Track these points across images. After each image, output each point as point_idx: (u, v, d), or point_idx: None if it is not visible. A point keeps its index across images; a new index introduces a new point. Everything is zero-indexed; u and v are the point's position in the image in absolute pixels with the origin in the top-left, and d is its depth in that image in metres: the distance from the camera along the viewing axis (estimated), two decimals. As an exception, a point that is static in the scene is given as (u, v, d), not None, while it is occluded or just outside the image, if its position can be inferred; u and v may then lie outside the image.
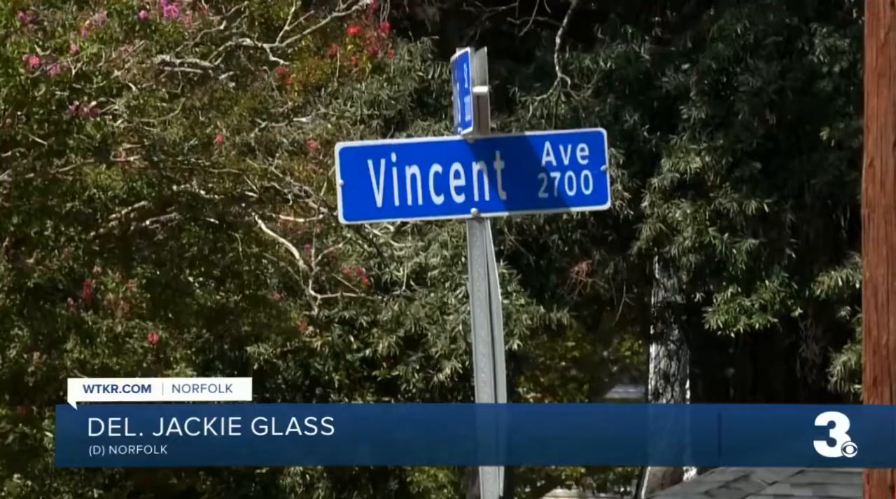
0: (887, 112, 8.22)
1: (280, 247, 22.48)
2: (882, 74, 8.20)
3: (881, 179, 8.18)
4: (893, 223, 8.20)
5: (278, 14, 22.24)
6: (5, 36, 19.31)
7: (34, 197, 20.39)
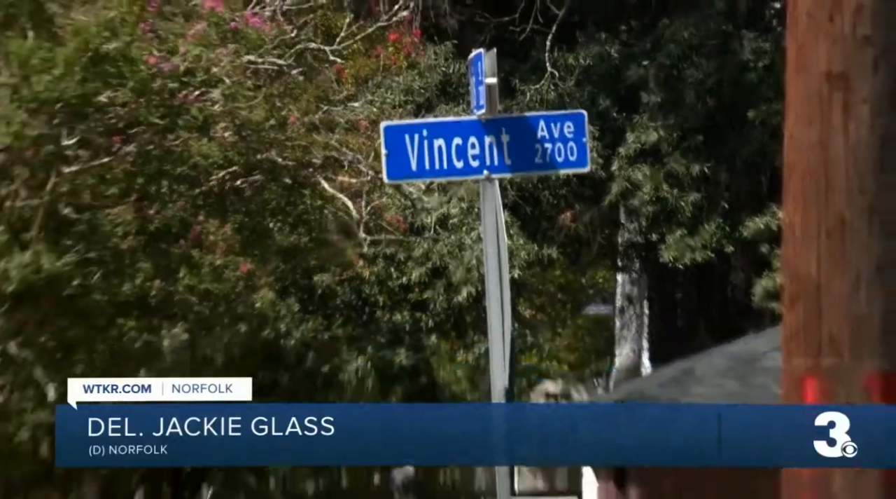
0: (803, 98, 8.24)
1: (338, 201, 22.54)
2: (799, 70, 8.20)
3: (798, 148, 8.22)
4: (807, 181, 8.21)
5: (336, 24, 22.40)
6: (130, 42, 19.31)
7: (153, 163, 20.40)
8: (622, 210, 36.78)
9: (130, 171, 20.42)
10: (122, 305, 21.90)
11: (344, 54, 22.68)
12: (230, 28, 20.68)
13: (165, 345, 23.86)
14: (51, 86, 18.95)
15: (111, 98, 19.51)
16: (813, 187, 8.31)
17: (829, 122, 8.21)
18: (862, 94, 8.18)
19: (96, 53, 19.07)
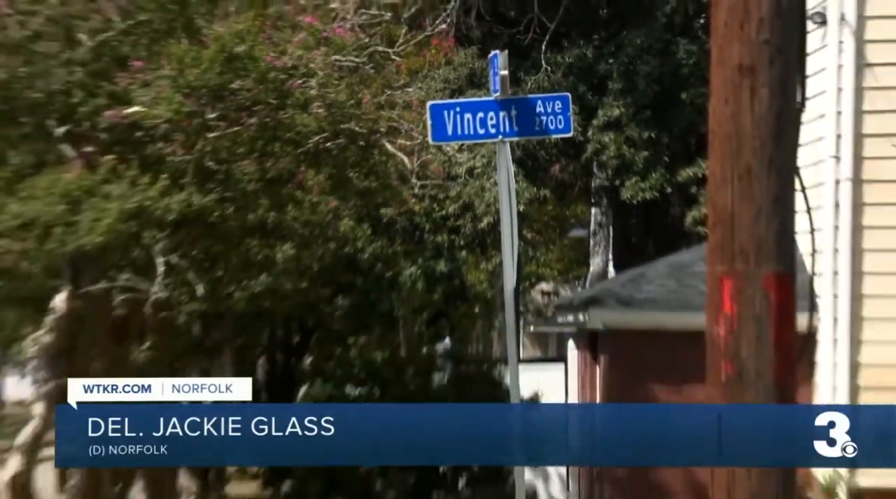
0: (721, 84, 8.36)
1: (397, 157, 22.66)
2: (718, 64, 8.32)
3: (718, 120, 8.33)
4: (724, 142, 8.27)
5: (396, 33, 22.50)
6: (253, 45, 19.43)
7: (269, 131, 20.49)
8: (595, 164, 36.82)
9: (254, 136, 20.56)
10: (248, 229, 22.19)
11: (401, 54, 22.96)
12: (322, 36, 20.83)
13: (278, 257, 24.01)
14: (198, 77, 19.21)
15: (240, 85, 19.69)
16: (728, 147, 8.46)
17: (740, 102, 8.38)
18: (763, 81, 8.38)
19: (230, 54, 19.30)
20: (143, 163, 19.63)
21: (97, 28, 19.60)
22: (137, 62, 19.48)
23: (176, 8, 19.78)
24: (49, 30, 19.43)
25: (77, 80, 19.37)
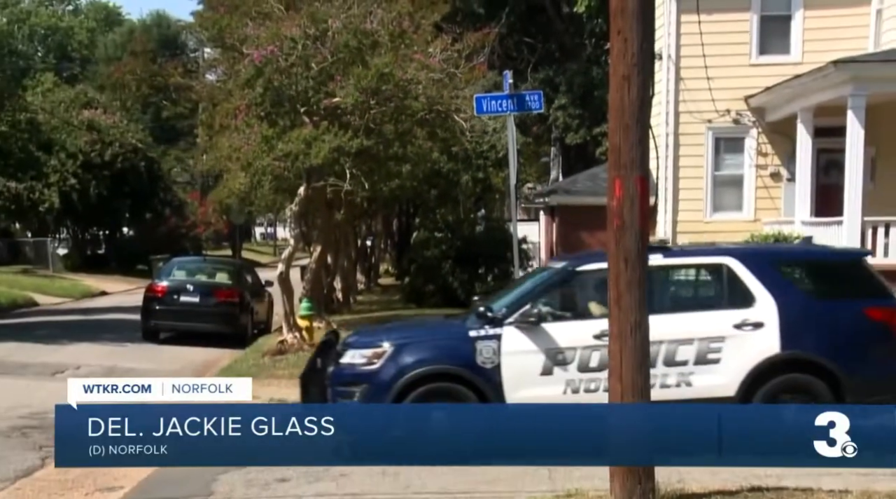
0: (614, 86, 8.29)
1: (458, 122, 22.00)
2: (613, 75, 8.25)
3: (613, 101, 8.31)
4: (614, 114, 8.26)
5: (459, 62, 21.79)
6: (392, 68, 18.99)
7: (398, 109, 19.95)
8: (553, 126, 36.33)
9: (391, 112, 19.84)
10: (389, 157, 21.40)
11: (461, 72, 21.98)
12: (425, 63, 20.41)
13: (403, 170, 23.18)
14: (367, 83, 18.88)
15: (386, 88, 19.30)
16: (617, 114, 8.10)
17: (623, 92, 8.04)
18: (634, 82, 8.02)
19: (381, 73, 18.96)
20: (340, 124, 19.53)
21: (320, 60, 19.44)
22: (338, 77, 19.44)
23: (356, 51, 19.54)
24: (298, 57, 19.24)
25: (310, 86, 19.31)
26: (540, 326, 9.96)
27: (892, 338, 9.83)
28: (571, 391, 9.76)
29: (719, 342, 9.71)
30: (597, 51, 34.36)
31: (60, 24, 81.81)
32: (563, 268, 10.76)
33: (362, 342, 10.42)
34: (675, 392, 9.64)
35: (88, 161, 45.30)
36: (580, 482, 8.29)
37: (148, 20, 75.84)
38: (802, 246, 11.99)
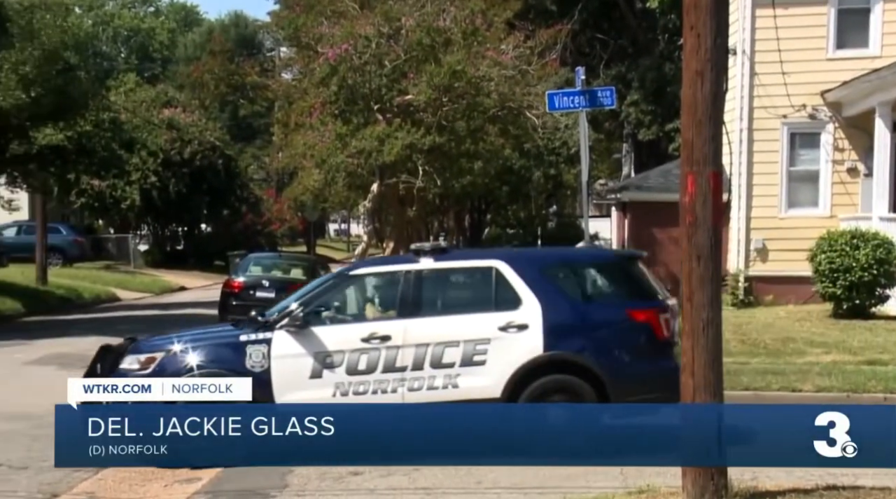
0: (688, 81, 8.20)
1: (530, 119, 22.05)
2: (686, 70, 8.13)
3: (686, 97, 8.22)
4: (689, 108, 8.19)
5: (530, 61, 21.79)
6: (464, 66, 18.97)
7: (470, 106, 20.11)
8: (625, 122, 35.97)
9: (463, 109, 20.09)
10: (461, 153, 21.67)
11: (534, 69, 22.00)
12: (497, 60, 20.38)
13: (475, 167, 23.48)
14: (440, 81, 18.92)
15: (458, 85, 19.38)
16: (690, 109, 8.08)
17: (696, 88, 7.95)
18: (707, 78, 7.93)
19: (454, 70, 19.01)
20: (412, 122, 19.62)
21: (394, 58, 19.52)
22: (411, 74, 19.51)
23: (428, 49, 19.58)
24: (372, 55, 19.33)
25: (384, 83, 19.40)
26: (309, 330, 9.89)
27: (655, 338, 9.83)
28: (340, 394, 9.74)
29: (485, 344, 9.71)
30: (670, 46, 33.91)
31: (142, 25, 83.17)
32: (338, 272, 10.84)
33: (141, 347, 10.31)
34: (441, 394, 9.66)
35: (168, 159, 45.91)
36: (652, 479, 8.17)
37: (226, 20, 76.72)
38: (572, 249, 12.02)
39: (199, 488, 8.86)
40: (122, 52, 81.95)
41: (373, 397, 9.63)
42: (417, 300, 9.96)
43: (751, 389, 12.71)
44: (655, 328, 9.81)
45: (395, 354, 9.73)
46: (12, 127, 25.42)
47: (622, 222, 29.98)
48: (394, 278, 10.21)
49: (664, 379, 9.53)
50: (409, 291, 10.00)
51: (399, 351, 9.72)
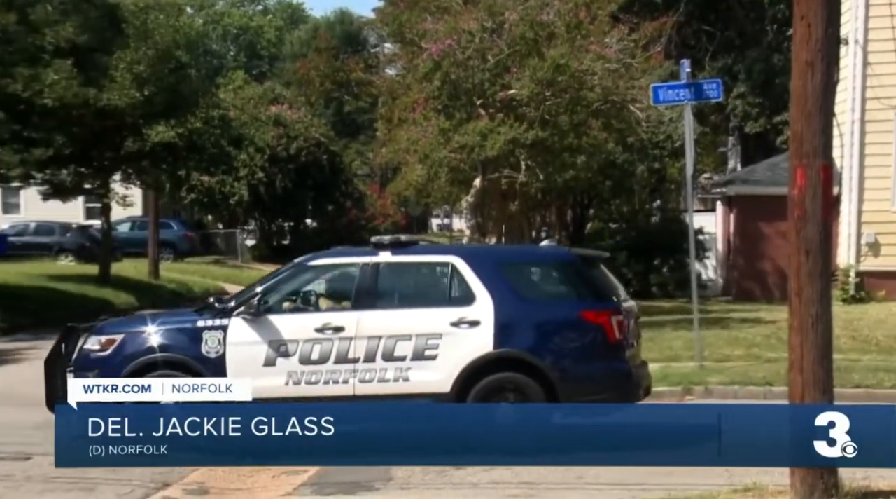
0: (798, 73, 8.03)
1: (634, 113, 21.71)
2: (796, 61, 7.96)
3: (796, 89, 8.04)
4: (799, 100, 8.01)
5: (634, 54, 21.48)
6: (568, 59, 18.85)
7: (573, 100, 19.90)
8: (731, 114, 35.36)
9: (566, 103, 19.99)
10: (563, 148, 21.40)
11: (638, 62, 21.62)
12: (601, 53, 20.16)
13: (578, 161, 22.99)
14: (543, 76, 18.84)
15: (561, 79, 19.25)
16: (800, 101, 7.96)
17: (806, 79, 7.80)
18: (817, 69, 7.77)
19: (557, 64, 18.90)
20: (515, 116, 19.57)
21: (497, 53, 19.49)
22: (514, 69, 19.46)
23: (532, 43, 19.50)
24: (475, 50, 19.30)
25: (486, 78, 19.37)
26: (266, 318, 9.93)
27: (606, 339, 9.74)
28: (293, 383, 9.76)
29: (437, 339, 9.67)
30: (778, 37, 33.22)
31: (251, 23, 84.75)
32: (298, 262, 10.80)
33: (103, 329, 10.43)
34: (392, 387, 9.65)
35: (275, 155, 46.62)
36: (759, 477, 8.00)
37: (331, 17, 77.67)
38: (529, 247, 11.76)
39: (306, 480, 8.92)
40: (231, 50, 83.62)
41: (324, 388, 9.69)
42: (373, 293, 9.99)
43: (862, 386, 12.52)
44: (607, 330, 9.75)
45: (347, 346, 9.74)
46: (127, 125, 26.08)
47: (727, 217, 29.53)
48: (351, 270, 10.30)
49: (614, 380, 9.66)
50: (364, 283, 10.03)
51: (352, 343, 9.73)
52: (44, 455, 9.33)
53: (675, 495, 7.90)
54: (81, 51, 22.94)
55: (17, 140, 23.62)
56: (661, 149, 30.65)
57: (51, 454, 9.03)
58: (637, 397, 10.07)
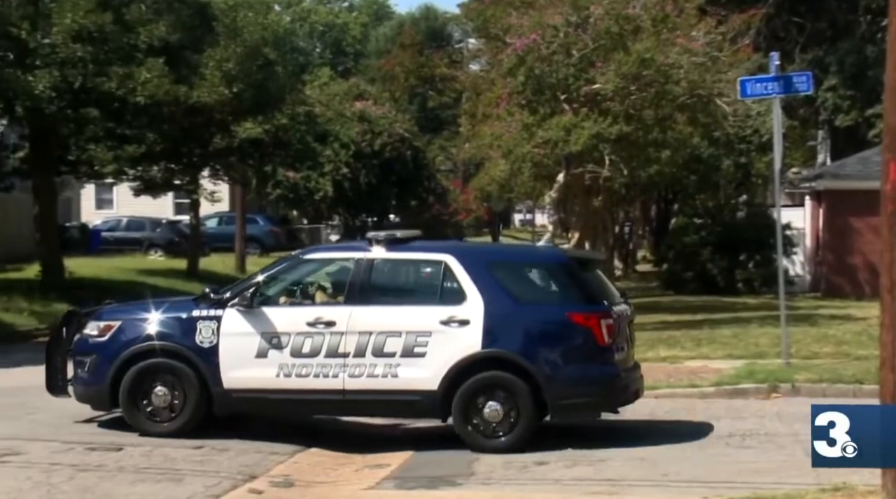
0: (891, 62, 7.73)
1: (720, 107, 21.17)
2: (891, 52, 7.66)
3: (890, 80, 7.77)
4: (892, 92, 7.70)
5: (721, 47, 21.07)
6: (653, 53, 18.64)
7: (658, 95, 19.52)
8: (821, 108, 34.58)
9: (651, 97, 19.69)
10: (648, 142, 21.09)
11: (725, 55, 21.12)
12: (688, 47, 19.79)
13: (663, 155, 22.72)
14: (627, 69, 18.53)
15: (646, 73, 18.87)
16: (893, 97, 7.78)
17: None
18: None
19: (642, 58, 18.65)
20: (599, 111, 19.37)
21: (581, 47, 19.21)
22: (599, 63, 19.28)
23: (617, 37, 19.29)
24: (560, 44, 19.07)
25: (571, 73, 19.15)
26: (260, 310, 9.96)
27: (594, 342, 9.69)
28: (284, 375, 9.80)
29: (426, 337, 9.64)
30: (872, 27, 32.44)
31: (336, 20, 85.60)
32: (293, 255, 10.96)
33: (102, 315, 10.54)
34: (381, 382, 9.66)
35: (359, 151, 47.05)
36: (848, 476, 7.80)
37: (416, 13, 78.02)
38: (523, 248, 11.71)
39: (389, 474, 8.97)
40: (317, 46, 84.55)
41: (314, 381, 9.75)
42: (365, 288, 10.01)
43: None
44: (596, 333, 9.69)
45: (338, 340, 9.76)
46: (215, 122, 26.53)
47: (816, 212, 28.98)
48: (345, 265, 10.35)
49: (601, 383, 9.71)
50: (358, 278, 10.05)
51: (343, 337, 9.74)
52: (134, 446, 9.62)
53: (762, 493, 7.75)
54: (173, 49, 23.31)
55: (111, 137, 24.17)
56: (747, 143, 30.21)
57: (141, 445, 9.60)
58: (624, 400, 10.12)
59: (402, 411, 9.98)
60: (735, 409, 11.60)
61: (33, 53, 21.78)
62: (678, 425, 10.90)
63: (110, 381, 9.99)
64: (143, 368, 10.03)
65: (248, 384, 9.83)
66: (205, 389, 9.88)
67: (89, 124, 22.96)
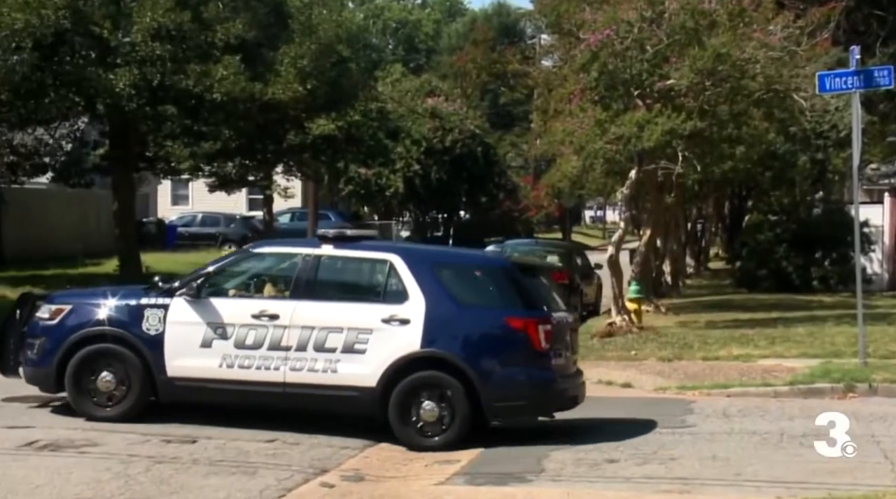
0: None
1: (797, 102, 20.76)
2: None
3: None
4: None
5: (799, 41, 20.67)
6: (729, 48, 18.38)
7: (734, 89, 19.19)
8: None
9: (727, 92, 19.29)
10: (722, 138, 20.82)
11: (803, 49, 20.64)
12: (764, 41, 19.50)
13: (737, 152, 22.44)
14: (703, 64, 18.22)
15: (722, 68, 18.59)
16: None
17: None
18: None
19: (718, 53, 18.32)
20: (673, 107, 19.13)
21: (656, 42, 18.98)
22: (673, 58, 19.06)
23: (692, 32, 19.00)
24: (634, 40, 18.94)
25: (644, 68, 18.90)
26: (207, 301, 10.13)
27: (531, 347, 9.76)
28: (227, 366, 9.97)
29: (367, 334, 9.78)
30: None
31: (409, 17, 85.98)
32: (243, 249, 11.28)
33: (54, 299, 10.74)
34: (321, 377, 9.77)
35: (430, 147, 47.14)
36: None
37: (489, 10, 78.06)
38: (466, 252, 12.42)
39: (458, 470, 8.97)
40: (389, 43, 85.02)
41: (256, 373, 9.91)
42: (311, 284, 10.16)
43: None
44: (533, 338, 9.76)
45: (281, 334, 9.90)
46: (290, 118, 26.76)
47: (895, 209, 28.32)
48: (293, 260, 10.46)
49: (535, 387, 9.80)
50: (304, 274, 10.19)
51: (286, 331, 9.87)
52: (208, 439, 9.72)
53: (838, 494, 7.61)
54: (249, 46, 23.55)
55: (188, 134, 24.54)
56: (824, 139, 29.54)
57: (215, 438, 9.68)
58: (558, 406, 10.19)
59: (341, 406, 10.02)
60: (810, 408, 11.38)
61: (114, 52, 22.18)
62: (751, 423, 10.72)
63: (57, 364, 10.21)
64: (89, 353, 10.26)
65: (191, 373, 10.02)
66: (149, 376, 10.06)
67: (167, 121, 23.35)
